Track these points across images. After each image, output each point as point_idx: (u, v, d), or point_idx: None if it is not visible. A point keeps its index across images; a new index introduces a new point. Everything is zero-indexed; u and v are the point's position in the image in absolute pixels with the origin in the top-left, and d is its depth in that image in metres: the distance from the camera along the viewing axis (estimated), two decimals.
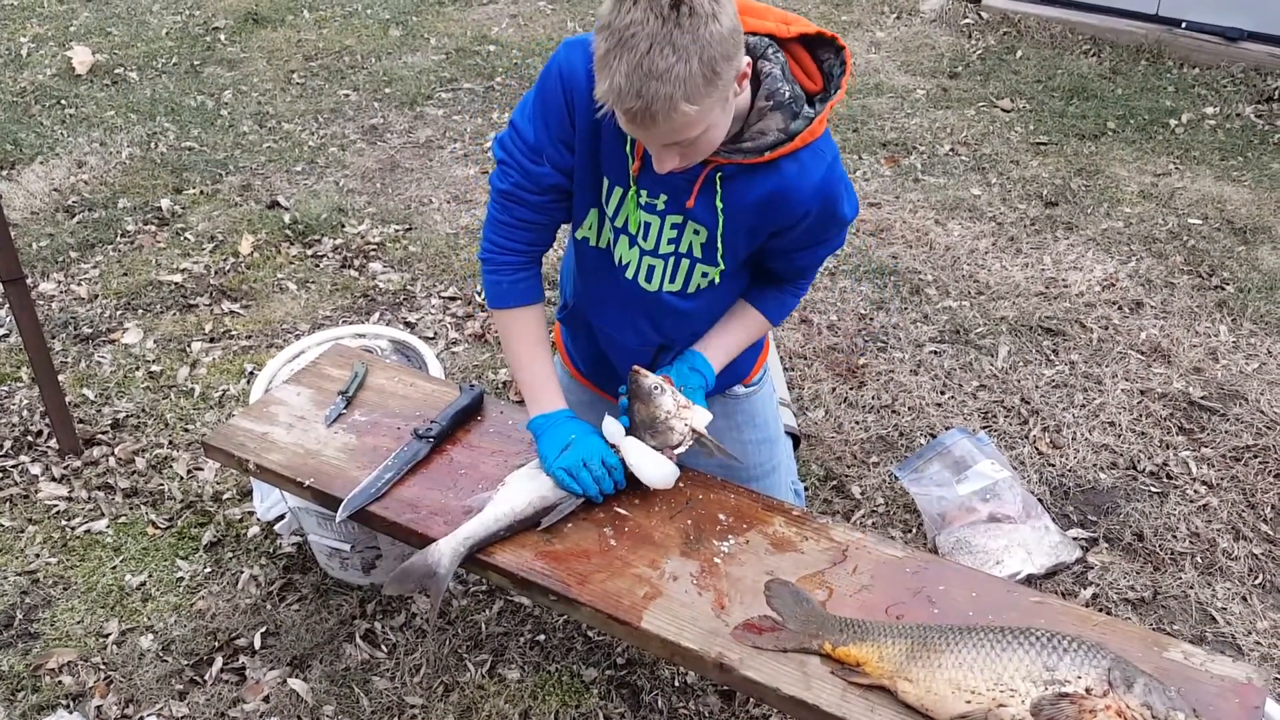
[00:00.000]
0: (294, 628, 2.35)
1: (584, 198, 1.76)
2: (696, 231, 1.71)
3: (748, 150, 1.59)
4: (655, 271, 1.77)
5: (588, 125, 1.66)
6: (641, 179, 1.68)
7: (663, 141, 1.48)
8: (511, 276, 1.85)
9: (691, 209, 1.68)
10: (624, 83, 1.37)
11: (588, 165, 1.72)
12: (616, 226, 1.75)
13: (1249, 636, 2.34)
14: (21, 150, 4.42)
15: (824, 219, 1.70)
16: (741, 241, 1.72)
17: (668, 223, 1.71)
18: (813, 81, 1.65)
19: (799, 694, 1.49)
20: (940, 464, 2.66)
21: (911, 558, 1.73)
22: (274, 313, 3.45)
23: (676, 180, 1.64)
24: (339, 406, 2.09)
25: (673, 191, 1.68)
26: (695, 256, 1.74)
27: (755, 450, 2.12)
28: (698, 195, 1.66)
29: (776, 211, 1.66)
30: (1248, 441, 2.87)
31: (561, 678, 2.24)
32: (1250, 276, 3.59)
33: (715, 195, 1.65)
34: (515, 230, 1.81)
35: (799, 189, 1.63)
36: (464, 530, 1.73)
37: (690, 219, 1.69)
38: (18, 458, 2.82)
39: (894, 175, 4.29)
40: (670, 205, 1.70)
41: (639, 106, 1.38)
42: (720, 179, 1.63)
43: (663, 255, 1.75)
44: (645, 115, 1.39)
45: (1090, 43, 5.48)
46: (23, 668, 2.26)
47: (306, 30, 5.81)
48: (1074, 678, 1.37)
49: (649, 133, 1.45)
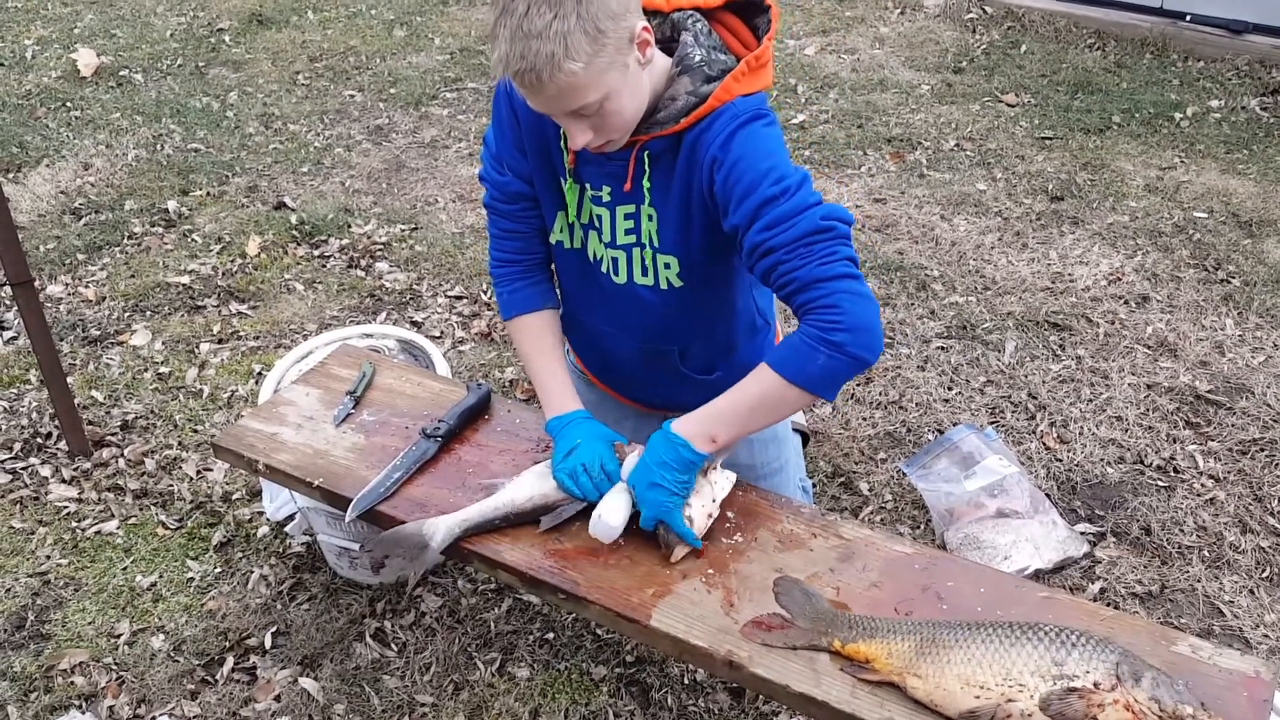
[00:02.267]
0: (304, 627, 2.36)
1: (548, 201, 1.76)
2: (650, 218, 1.66)
3: (663, 120, 1.55)
4: (620, 264, 1.73)
5: (534, 129, 1.66)
6: (582, 172, 1.67)
7: (562, 109, 1.46)
8: (510, 287, 1.87)
9: (629, 192, 1.64)
10: (507, 47, 1.37)
11: (542, 167, 1.71)
12: (583, 223, 1.74)
13: (1257, 630, 2.34)
14: (28, 153, 4.43)
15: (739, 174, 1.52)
16: (678, 224, 1.64)
17: (620, 213, 1.68)
18: (747, 48, 1.61)
19: (809, 691, 1.49)
20: (948, 460, 2.66)
21: (920, 554, 1.73)
22: (281, 313, 3.46)
23: (613, 168, 1.63)
24: (347, 406, 2.09)
25: (612, 181, 1.65)
26: (655, 246, 1.68)
27: (762, 448, 2.12)
28: (632, 179, 1.62)
29: (695, 175, 1.57)
30: (1254, 435, 2.87)
31: (571, 676, 2.25)
32: (1256, 270, 3.58)
33: (644, 175, 1.62)
34: (503, 241, 1.84)
35: (706, 144, 1.54)
36: (462, 513, 1.74)
37: (640, 204, 1.65)
38: (28, 460, 2.84)
39: (899, 171, 4.29)
40: (616, 195, 1.67)
41: (524, 68, 1.38)
42: (649, 158, 1.60)
43: (623, 246, 1.71)
44: (532, 76, 1.38)
45: (1095, 36, 5.47)
46: (35, 669, 2.27)
47: (311, 31, 5.82)
48: (1082, 672, 1.38)
49: (543, 99, 1.43)
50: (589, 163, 1.65)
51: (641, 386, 2.00)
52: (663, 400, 1.99)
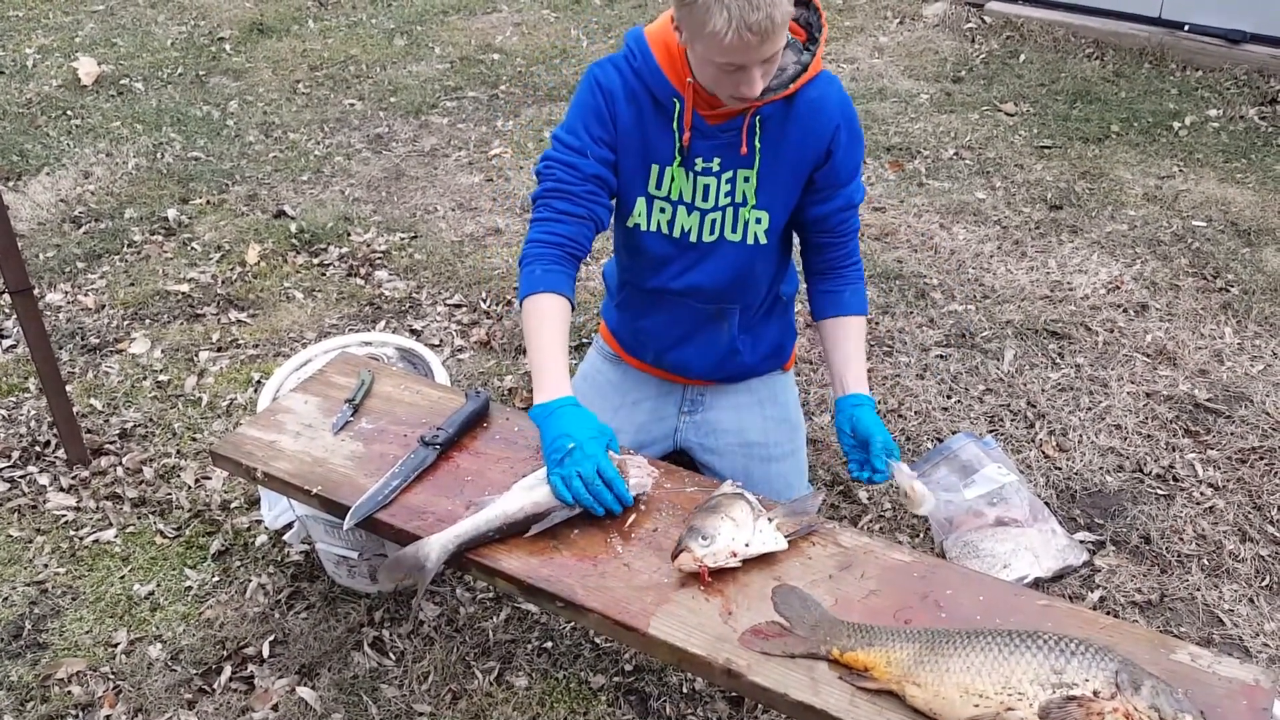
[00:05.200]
0: (302, 636, 2.36)
1: (629, 190, 1.97)
2: (746, 179, 1.93)
3: (775, 87, 1.83)
4: (715, 224, 1.98)
5: (630, 123, 1.91)
6: (693, 150, 1.91)
7: (772, 51, 1.67)
8: (545, 266, 1.91)
9: (745, 156, 1.90)
10: (743, 3, 1.57)
11: (637, 157, 1.94)
12: (673, 201, 1.96)
13: (1256, 638, 2.34)
14: (28, 161, 4.44)
15: (851, 138, 1.93)
16: (785, 178, 1.93)
17: (723, 179, 1.93)
18: (798, 34, 1.89)
19: (807, 699, 1.49)
20: (947, 468, 2.66)
21: (918, 562, 1.73)
22: (281, 321, 3.46)
23: (726, 139, 1.88)
24: (346, 414, 2.09)
25: (725, 152, 1.90)
26: (750, 203, 1.95)
27: (775, 427, 2.20)
28: (746, 142, 1.88)
29: (812, 130, 1.89)
30: (1254, 443, 2.87)
31: (569, 684, 2.24)
32: (1255, 278, 3.58)
33: (755, 136, 1.88)
34: (556, 225, 1.92)
35: (824, 105, 1.88)
36: (455, 529, 1.74)
37: (741, 168, 1.91)
38: (26, 468, 2.84)
39: (898, 180, 4.30)
40: (725, 162, 1.91)
41: (760, 18, 1.58)
42: (759, 122, 1.87)
43: (720, 207, 1.96)
44: (768, 25, 1.60)
45: (1093, 46, 5.48)
46: (32, 678, 2.27)
47: (311, 40, 5.83)
48: (1082, 680, 1.37)
49: (765, 45, 1.63)
50: (704, 137, 1.89)
51: (685, 353, 2.19)
52: (699, 367, 2.21)
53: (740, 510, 1.70)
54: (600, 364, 2.35)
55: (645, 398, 2.27)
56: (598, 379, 2.33)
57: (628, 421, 2.28)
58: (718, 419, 2.24)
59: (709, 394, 2.27)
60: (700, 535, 1.65)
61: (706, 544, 1.65)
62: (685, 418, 2.29)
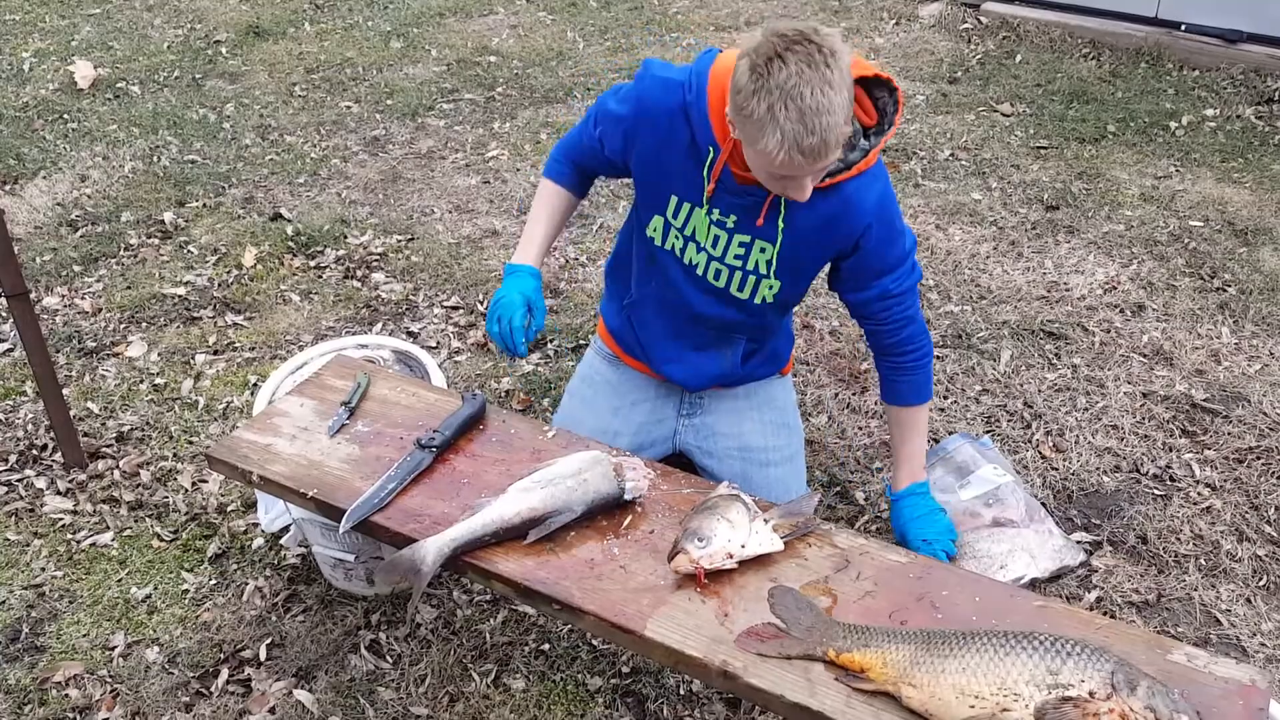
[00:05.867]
0: (299, 639, 2.36)
1: (648, 206, 2.02)
2: (763, 250, 1.94)
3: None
4: (722, 275, 2.01)
5: (651, 149, 1.94)
6: (714, 200, 1.92)
7: (819, 169, 1.68)
8: (563, 165, 2.19)
9: (761, 227, 1.91)
10: (798, 127, 1.57)
11: (654, 183, 1.98)
12: (686, 234, 1.99)
13: (1254, 638, 2.34)
14: (25, 165, 4.44)
15: (884, 234, 1.93)
16: (803, 258, 1.95)
17: (735, 240, 1.95)
18: (869, 116, 1.87)
19: (804, 701, 1.49)
20: (943, 469, 2.66)
21: (915, 563, 1.73)
22: (277, 324, 3.46)
23: (749, 203, 1.89)
24: (342, 417, 2.09)
25: (741, 213, 1.91)
26: (761, 273, 1.97)
27: (774, 432, 2.21)
28: (765, 216, 1.89)
29: (839, 226, 1.89)
30: (1251, 443, 2.87)
31: (567, 687, 2.24)
32: (1252, 278, 3.59)
33: (779, 215, 1.89)
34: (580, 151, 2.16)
35: (858, 205, 1.88)
36: (451, 532, 1.74)
37: (758, 237, 1.93)
38: (23, 471, 2.83)
39: (894, 181, 4.29)
40: (739, 226, 1.93)
41: (815, 142, 1.59)
42: (785, 203, 1.86)
43: (729, 265, 1.98)
44: (821, 148, 1.60)
45: (1090, 46, 5.49)
46: (29, 681, 2.27)
47: (308, 43, 5.84)
48: (1077, 681, 1.37)
49: (817, 164, 1.64)
50: (728, 192, 1.90)
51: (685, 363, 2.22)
52: (696, 382, 2.24)
53: (736, 511, 1.71)
54: (599, 364, 2.36)
55: (644, 399, 2.28)
56: (596, 380, 2.33)
57: (627, 422, 2.28)
58: (716, 423, 2.25)
59: (708, 397, 2.28)
60: (696, 537, 1.65)
61: (703, 545, 1.65)
62: (684, 420, 2.29)
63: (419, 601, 2.42)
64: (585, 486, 1.79)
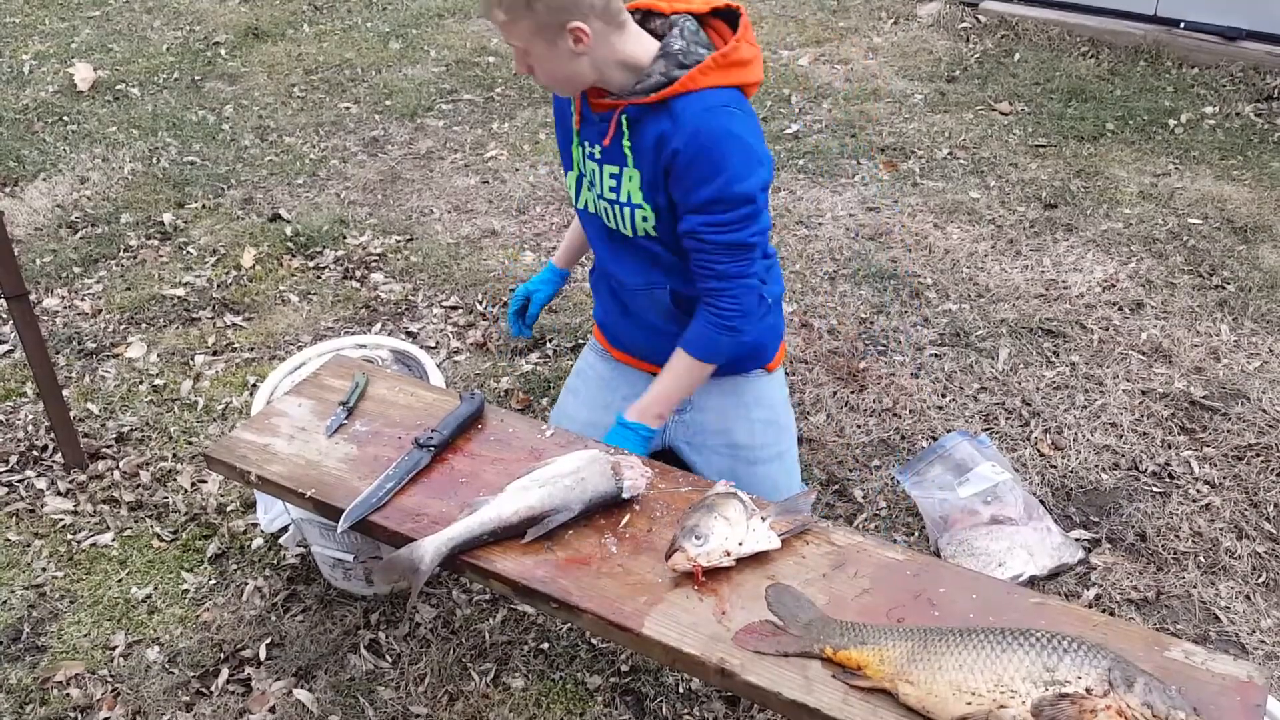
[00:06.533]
0: (299, 639, 2.36)
1: (565, 167, 2.07)
2: (630, 178, 1.91)
3: (637, 91, 1.83)
4: (610, 214, 1.99)
5: (559, 103, 2.02)
6: (583, 133, 1.96)
7: (511, 42, 1.78)
8: None
9: (608, 147, 1.91)
10: None
11: (561, 138, 2.05)
12: (585, 182, 2.01)
13: (1253, 635, 2.34)
14: (25, 167, 4.44)
15: (698, 168, 1.80)
16: (658, 182, 1.89)
17: (606, 172, 1.94)
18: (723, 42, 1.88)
19: (801, 698, 1.49)
20: (942, 467, 2.66)
21: (912, 560, 1.73)
22: (276, 325, 3.47)
23: (601, 128, 1.90)
24: (340, 417, 2.10)
25: (598, 140, 1.92)
26: (635, 203, 1.93)
27: (762, 430, 2.19)
28: (611, 137, 1.89)
29: (663, 145, 1.83)
30: (1250, 440, 2.87)
31: (566, 685, 2.25)
32: (1251, 275, 3.59)
33: (624, 136, 1.88)
34: None
35: (676, 125, 1.81)
36: (449, 531, 1.74)
37: (621, 165, 1.91)
38: (23, 472, 2.84)
39: (893, 180, 4.30)
40: (605, 155, 1.93)
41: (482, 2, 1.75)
42: (626, 121, 1.86)
43: (608, 200, 1.96)
44: (484, 6, 1.77)
45: (1088, 44, 5.48)
46: (30, 681, 2.27)
47: (307, 44, 5.84)
48: (1074, 678, 1.38)
49: (503, 31, 1.77)
50: (587, 122, 1.93)
51: (648, 341, 2.18)
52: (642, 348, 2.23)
53: (734, 509, 1.71)
54: (592, 359, 2.37)
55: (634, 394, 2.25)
56: (589, 374, 2.35)
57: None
58: (704, 420, 2.24)
59: (697, 393, 2.27)
60: (694, 535, 1.65)
61: (700, 543, 1.65)
62: (674, 416, 2.29)
63: (418, 601, 2.43)
64: (583, 485, 1.80)
